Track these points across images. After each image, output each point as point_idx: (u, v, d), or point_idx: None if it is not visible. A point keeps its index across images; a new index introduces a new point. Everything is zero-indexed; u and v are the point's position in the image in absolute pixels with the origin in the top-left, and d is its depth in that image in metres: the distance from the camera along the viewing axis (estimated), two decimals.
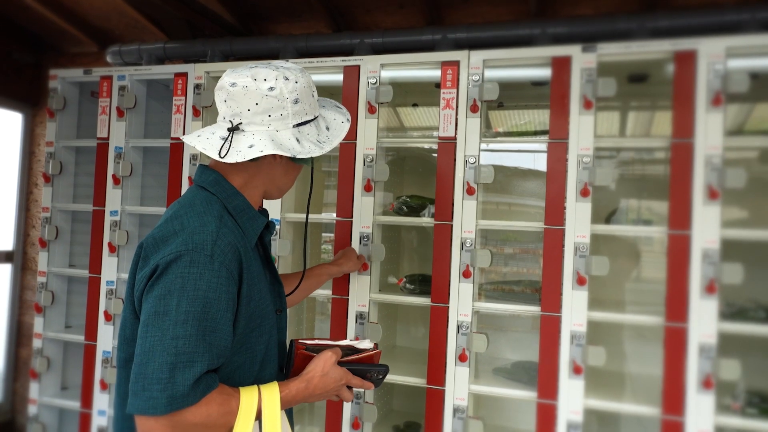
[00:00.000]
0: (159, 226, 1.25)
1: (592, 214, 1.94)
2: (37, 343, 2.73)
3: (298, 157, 1.27)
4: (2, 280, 3.34)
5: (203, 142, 1.31)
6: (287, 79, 1.28)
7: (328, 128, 1.38)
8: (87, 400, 2.57)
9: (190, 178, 2.44)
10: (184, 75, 2.49)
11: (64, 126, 2.81)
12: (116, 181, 2.58)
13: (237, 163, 1.30)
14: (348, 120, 1.43)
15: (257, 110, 1.27)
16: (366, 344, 1.37)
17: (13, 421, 3.36)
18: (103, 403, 2.53)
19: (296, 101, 1.29)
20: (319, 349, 1.32)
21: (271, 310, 1.32)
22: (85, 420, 2.57)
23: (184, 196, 1.34)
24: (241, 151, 1.25)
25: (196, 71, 2.47)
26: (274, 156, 1.32)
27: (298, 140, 1.29)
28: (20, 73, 3.31)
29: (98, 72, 2.67)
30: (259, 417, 1.18)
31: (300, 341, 1.34)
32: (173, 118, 2.50)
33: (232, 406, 1.15)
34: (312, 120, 1.35)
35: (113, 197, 2.59)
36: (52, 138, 2.77)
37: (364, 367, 1.34)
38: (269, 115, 1.28)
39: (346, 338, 1.82)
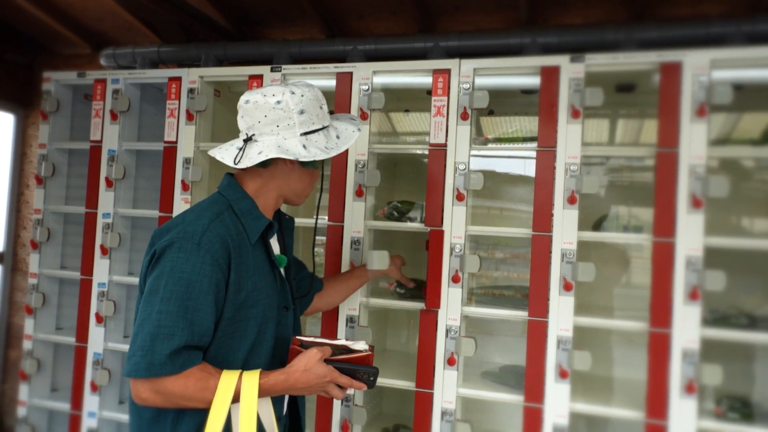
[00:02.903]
0: (170, 220, 1.47)
1: (580, 221, 1.98)
2: (27, 344, 2.73)
3: (301, 160, 1.42)
4: None
5: (222, 152, 1.50)
6: (293, 93, 1.44)
7: (338, 137, 1.52)
8: (77, 402, 2.57)
9: (183, 181, 2.45)
10: (178, 79, 2.50)
11: (57, 128, 2.82)
12: (109, 183, 2.59)
13: (253, 171, 1.49)
14: (359, 129, 1.57)
15: (266, 122, 1.44)
16: (360, 345, 1.42)
17: (2, 422, 3.35)
18: (93, 405, 2.54)
19: (302, 112, 1.44)
20: (311, 346, 1.39)
21: (269, 304, 1.43)
22: (74, 422, 2.57)
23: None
24: (252, 158, 1.42)
25: (189, 76, 2.49)
26: (285, 162, 1.49)
27: (304, 146, 1.43)
28: (13, 74, 3.31)
29: (92, 75, 2.68)
30: (237, 399, 1.29)
31: (297, 337, 1.42)
32: (167, 121, 2.52)
33: (209, 383, 1.28)
34: (321, 129, 1.49)
35: (106, 200, 2.60)
36: (44, 140, 2.78)
37: (352, 367, 1.39)
38: (277, 125, 1.44)
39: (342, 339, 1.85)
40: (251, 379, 1.31)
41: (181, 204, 2.44)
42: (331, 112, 1.59)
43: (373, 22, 2.78)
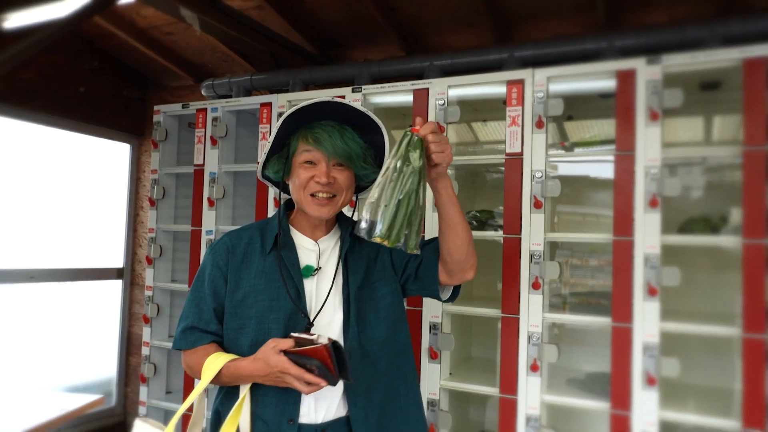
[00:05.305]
0: None
1: (665, 224, 1.94)
2: (145, 351, 3.03)
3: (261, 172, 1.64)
4: (115, 294, 3.71)
5: None
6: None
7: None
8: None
9: (275, 198, 2.64)
10: (269, 105, 2.71)
11: (166, 154, 3.12)
12: (211, 203, 2.84)
13: None
14: (283, 114, 1.48)
15: None
16: (323, 340, 1.33)
17: (125, 422, 3.70)
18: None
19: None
20: (297, 340, 1.38)
21: (272, 307, 1.46)
22: (186, 421, 2.80)
23: None
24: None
25: (279, 101, 2.68)
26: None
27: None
28: (128, 107, 3.69)
29: (194, 105, 2.95)
30: (230, 382, 1.46)
31: (292, 334, 1.40)
32: (259, 144, 2.73)
33: (202, 360, 1.45)
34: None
35: (208, 218, 2.84)
36: (156, 166, 3.09)
37: (299, 359, 1.34)
38: None
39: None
40: (222, 359, 1.43)
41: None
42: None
43: (450, 35, 2.85)
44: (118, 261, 3.72)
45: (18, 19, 2.70)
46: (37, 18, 2.59)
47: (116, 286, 3.71)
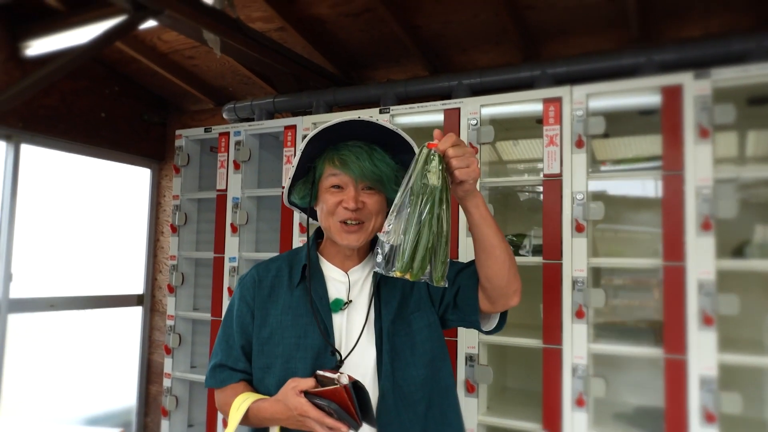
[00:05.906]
0: None
1: (719, 248, 1.82)
2: (166, 382, 2.94)
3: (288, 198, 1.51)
4: (135, 321, 3.64)
5: None
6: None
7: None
8: None
9: (300, 224, 2.55)
10: (293, 127, 2.64)
11: (188, 179, 3.06)
12: (234, 229, 2.76)
13: None
14: (307, 136, 1.38)
15: None
16: (344, 380, 1.23)
17: None
18: None
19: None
20: (320, 378, 1.28)
21: (298, 345, 1.37)
22: None
23: None
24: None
25: (304, 123, 2.61)
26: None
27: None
28: (149, 132, 3.65)
29: (217, 129, 2.89)
30: (257, 423, 1.37)
31: (318, 372, 1.30)
32: (284, 168, 2.65)
33: (231, 399, 1.38)
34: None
35: (231, 244, 2.76)
36: (177, 191, 3.02)
37: (319, 402, 1.24)
38: None
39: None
40: (248, 401, 1.35)
41: (299, 245, 2.54)
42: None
43: (476, 54, 2.77)
44: (138, 287, 3.65)
45: (40, 46, 2.68)
46: (58, 44, 2.57)
47: (136, 312, 3.64)
